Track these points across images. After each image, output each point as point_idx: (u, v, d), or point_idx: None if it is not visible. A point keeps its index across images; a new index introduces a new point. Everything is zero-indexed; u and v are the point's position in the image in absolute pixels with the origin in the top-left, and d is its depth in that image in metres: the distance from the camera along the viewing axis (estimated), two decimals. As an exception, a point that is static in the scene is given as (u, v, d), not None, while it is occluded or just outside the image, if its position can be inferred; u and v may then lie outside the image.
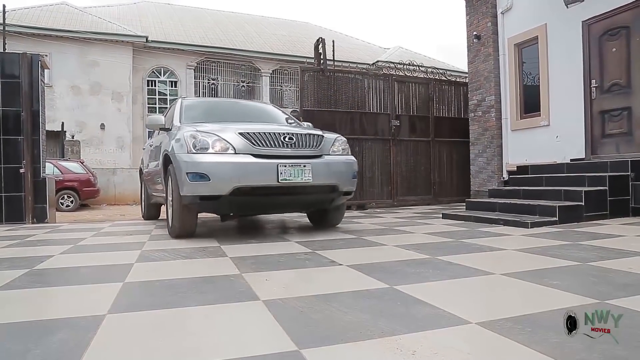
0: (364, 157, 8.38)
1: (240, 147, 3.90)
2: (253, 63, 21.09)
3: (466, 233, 4.05)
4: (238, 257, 2.99)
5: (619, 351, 1.27)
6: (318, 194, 4.21)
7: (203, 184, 3.78)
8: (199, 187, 3.80)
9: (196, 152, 3.88)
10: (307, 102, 7.98)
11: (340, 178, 4.27)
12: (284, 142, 4.03)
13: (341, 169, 4.31)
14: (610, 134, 6.03)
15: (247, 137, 3.94)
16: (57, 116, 16.56)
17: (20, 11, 18.31)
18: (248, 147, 3.91)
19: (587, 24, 6.25)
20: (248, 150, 3.90)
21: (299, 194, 4.11)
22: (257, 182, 3.85)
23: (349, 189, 4.41)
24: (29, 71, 6.24)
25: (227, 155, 3.87)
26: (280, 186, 3.88)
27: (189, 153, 3.89)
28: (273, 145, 3.98)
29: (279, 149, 3.99)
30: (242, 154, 3.89)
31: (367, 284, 2.17)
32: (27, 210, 6.15)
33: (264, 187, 3.89)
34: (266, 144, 3.96)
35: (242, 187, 3.80)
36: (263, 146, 3.95)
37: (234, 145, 3.90)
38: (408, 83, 9.06)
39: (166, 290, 2.14)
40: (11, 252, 3.54)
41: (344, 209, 4.96)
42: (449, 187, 9.14)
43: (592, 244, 3.17)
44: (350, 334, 1.46)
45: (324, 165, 4.16)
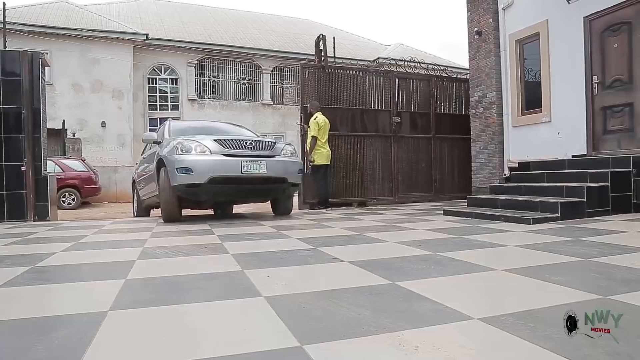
0: (365, 153, 8.38)
1: (215, 149, 5.41)
2: (254, 60, 21.06)
3: (468, 229, 4.04)
4: (240, 254, 2.99)
5: (621, 347, 1.27)
6: (272, 184, 5.69)
7: (188, 175, 5.19)
8: (185, 178, 5.20)
9: (183, 153, 5.30)
10: (307, 99, 7.97)
11: (288, 172, 5.74)
12: (246, 146, 5.58)
13: (289, 165, 5.79)
14: (612, 130, 6.02)
15: (220, 142, 5.49)
16: (58, 114, 16.56)
17: (21, 9, 18.30)
18: (220, 149, 5.42)
19: (588, 20, 6.23)
20: (220, 151, 5.41)
21: (258, 184, 5.59)
22: (227, 173, 5.30)
23: (295, 181, 5.92)
24: (29, 69, 6.24)
25: (205, 155, 5.35)
26: (243, 177, 5.35)
27: (177, 154, 5.30)
28: (238, 148, 5.52)
29: (242, 150, 5.51)
30: (216, 154, 5.38)
31: (369, 280, 2.17)
32: (28, 208, 6.16)
33: (232, 177, 5.33)
34: (233, 147, 5.49)
35: (216, 176, 5.23)
36: (231, 149, 5.46)
37: (210, 148, 5.39)
38: (409, 80, 9.06)
39: (168, 287, 2.14)
40: (13, 249, 3.54)
41: (292, 199, 6.53)
42: (450, 183, 9.16)
43: (594, 240, 3.17)
44: (352, 330, 1.46)
45: (275, 162, 5.63)
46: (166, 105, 20.15)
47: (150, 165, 6.28)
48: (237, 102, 21.02)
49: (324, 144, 7.37)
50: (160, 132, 6.48)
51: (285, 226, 4.81)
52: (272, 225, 4.94)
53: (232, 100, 20.98)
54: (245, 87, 21.41)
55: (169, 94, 20.16)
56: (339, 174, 8.11)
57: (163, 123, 6.97)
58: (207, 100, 20.55)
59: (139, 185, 7.33)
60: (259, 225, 5.00)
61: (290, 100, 21.43)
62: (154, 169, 5.89)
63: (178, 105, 20.10)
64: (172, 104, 20.16)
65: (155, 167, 5.77)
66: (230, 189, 5.51)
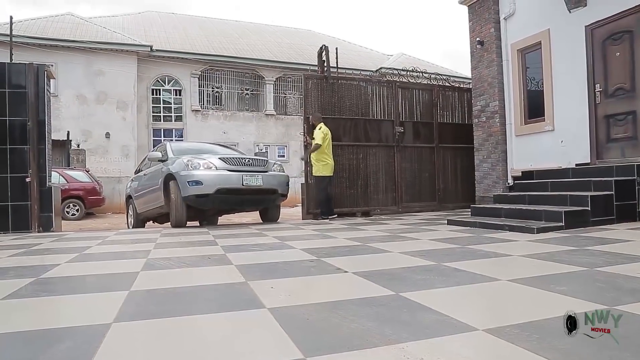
0: (368, 163, 8.38)
1: (220, 166, 6.43)
2: (257, 71, 21.20)
3: (472, 239, 4.03)
4: (243, 265, 2.99)
5: (628, 358, 1.26)
6: (265, 194, 6.72)
7: (199, 187, 6.18)
8: (196, 189, 6.18)
9: (193, 169, 6.26)
10: (310, 110, 8.01)
11: (278, 185, 6.81)
12: (245, 163, 6.70)
13: (279, 179, 6.88)
14: (616, 138, 6.01)
15: (224, 160, 6.56)
16: (62, 125, 16.70)
17: (27, 22, 18.54)
18: (225, 166, 6.46)
19: (590, 29, 6.25)
20: (225, 167, 6.44)
21: (255, 194, 6.60)
22: (231, 185, 6.32)
23: (283, 192, 6.94)
24: (35, 81, 6.30)
25: (212, 170, 6.35)
26: (243, 188, 6.40)
27: (188, 170, 6.26)
28: (239, 164, 6.60)
29: (242, 166, 6.58)
30: (221, 169, 6.40)
31: (373, 291, 2.16)
32: (33, 219, 6.18)
33: (235, 189, 6.35)
34: (235, 164, 6.57)
35: (222, 188, 6.23)
36: (234, 165, 6.53)
37: (216, 165, 6.41)
38: (412, 89, 9.08)
39: (172, 299, 2.14)
40: (17, 261, 3.55)
41: (279, 208, 7.54)
42: (454, 193, 9.13)
43: (599, 249, 3.15)
44: (356, 342, 1.45)
45: (268, 176, 6.69)
46: (170, 116, 20.26)
47: (154, 180, 7.12)
48: (240, 112, 21.12)
49: (329, 155, 7.39)
50: (163, 151, 7.36)
51: (289, 237, 4.81)
52: (275, 235, 4.94)
53: (235, 111, 21.09)
54: (249, 97, 21.52)
55: (173, 105, 20.28)
56: (342, 184, 8.12)
57: (162, 144, 7.93)
58: (211, 111, 20.66)
59: (137, 200, 7.95)
60: (262, 235, 5.00)
61: (294, 110, 21.51)
62: (160, 182, 6.78)
63: (182, 116, 20.22)
64: (175, 115, 20.28)
65: (163, 181, 6.69)
66: (232, 198, 6.48)
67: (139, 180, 8.03)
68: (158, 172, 6.98)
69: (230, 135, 20.61)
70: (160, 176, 6.79)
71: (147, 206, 7.51)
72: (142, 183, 7.76)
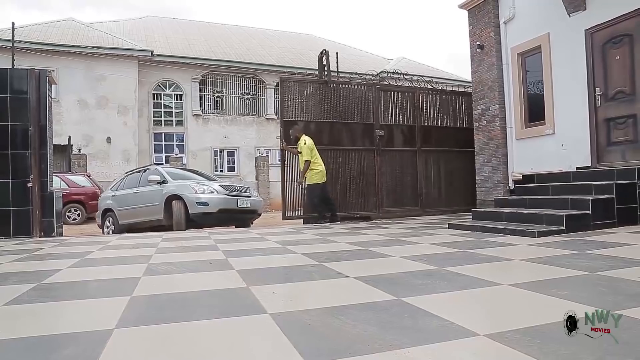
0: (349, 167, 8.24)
1: (220, 191, 8.14)
2: (257, 75, 21.25)
3: (473, 243, 4.03)
4: (245, 270, 2.99)
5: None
6: (250, 213, 8.61)
7: (205, 207, 7.80)
8: (203, 209, 7.78)
9: (199, 193, 7.90)
10: (286, 114, 8.01)
11: (258, 207, 8.84)
12: (238, 190, 8.62)
13: (258, 203, 8.92)
14: (616, 141, 6.01)
15: (223, 186, 8.39)
16: (64, 130, 16.74)
17: (29, 27, 18.62)
18: (224, 191, 8.19)
19: (589, 33, 6.27)
20: (224, 192, 8.16)
21: (244, 213, 8.39)
22: (229, 206, 8.04)
23: (260, 212, 9.02)
24: (36, 86, 6.32)
25: (215, 194, 8.01)
26: (237, 209, 8.16)
27: (196, 194, 7.88)
28: (234, 191, 8.44)
29: (236, 192, 8.44)
30: (221, 194, 8.08)
31: (375, 296, 2.17)
32: (34, 224, 6.19)
33: (232, 209, 8.09)
34: (231, 190, 8.38)
35: (223, 208, 7.92)
36: (230, 191, 8.33)
37: (217, 190, 8.10)
38: (393, 92, 8.90)
39: (173, 304, 2.15)
40: (19, 266, 3.56)
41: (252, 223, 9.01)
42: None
43: (600, 253, 3.15)
44: (358, 347, 1.45)
45: (252, 200, 8.64)
46: (171, 121, 20.31)
47: (152, 198, 8.39)
48: (241, 117, 21.17)
49: (319, 163, 7.33)
50: (160, 175, 8.64)
51: (290, 241, 4.81)
52: (276, 240, 4.94)
53: (236, 115, 21.14)
54: (249, 102, 21.58)
55: (174, 110, 20.33)
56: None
57: (153, 168, 9.49)
58: (212, 116, 20.71)
59: (121, 212, 9.00)
60: (263, 240, 5.00)
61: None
62: (161, 201, 8.15)
63: (182, 121, 20.26)
64: (176, 120, 20.32)
65: (164, 201, 8.09)
66: (228, 216, 8.19)
67: (125, 198, 9.06)
68: (157, 192, 8.31)
69: (231, 139, 20.66)
70: (160, 195, 8.18)
71: (136, 219, 8.63)
72: (134, 200, 8.82)
